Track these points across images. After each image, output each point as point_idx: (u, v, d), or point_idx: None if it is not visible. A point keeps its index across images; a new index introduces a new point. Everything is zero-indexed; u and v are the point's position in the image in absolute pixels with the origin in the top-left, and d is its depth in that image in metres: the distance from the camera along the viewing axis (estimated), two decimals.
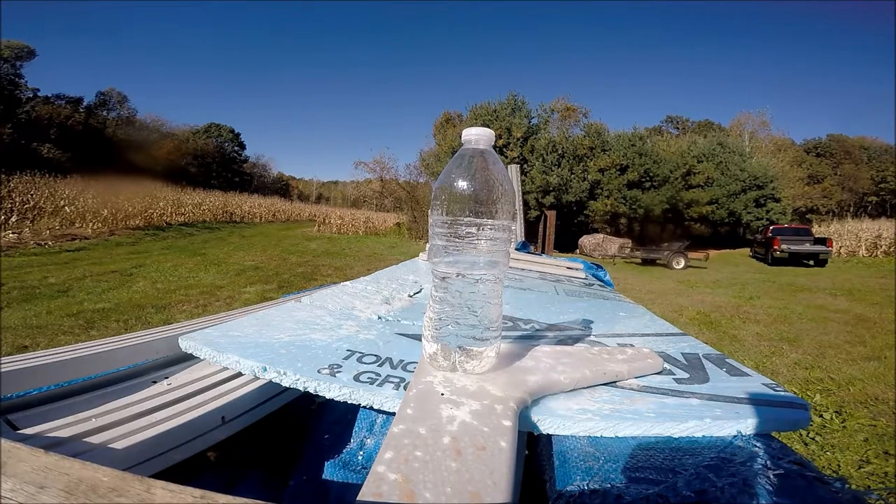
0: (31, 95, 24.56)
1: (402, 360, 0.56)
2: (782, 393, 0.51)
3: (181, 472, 0.48)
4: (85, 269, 5.97)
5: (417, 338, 0.65)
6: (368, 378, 0.50)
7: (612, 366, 0.52)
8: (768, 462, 0.40)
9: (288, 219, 23.69)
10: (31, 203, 10.34)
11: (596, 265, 1.93)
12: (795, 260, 12.72)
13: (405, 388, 0.47)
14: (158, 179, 17.39)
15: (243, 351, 0.55)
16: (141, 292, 4.84)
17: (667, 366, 0.58)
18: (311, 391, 0.49)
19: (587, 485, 0.37)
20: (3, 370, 0.47)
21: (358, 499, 0.29)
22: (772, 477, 0.38)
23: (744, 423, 0.44)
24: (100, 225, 10.54)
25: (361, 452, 0.56)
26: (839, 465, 2.01)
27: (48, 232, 8.97)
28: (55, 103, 25.52)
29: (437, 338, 0.48)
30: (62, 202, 10.80)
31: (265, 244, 11.08)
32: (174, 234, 11.85)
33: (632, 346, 0.67)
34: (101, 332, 3.41)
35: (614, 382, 0.52)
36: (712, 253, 14.99)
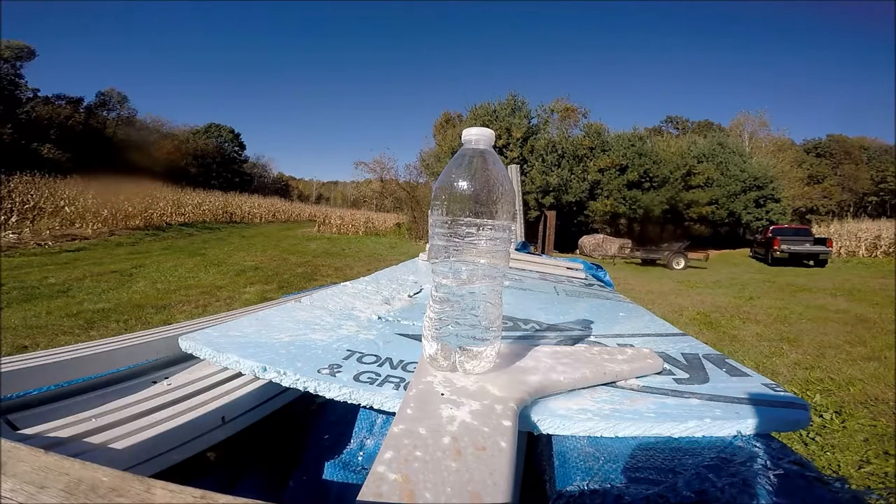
0: (31, 96, 24.57)
1: (402, 361, 0.56)
2: (782, 393, 0.51)
3: (181, 472, 0.48)
4: (85, 270, 5.96)
5: (417, 338, 0.65)
6: (368, 378, 0.50)
7: (611, 366, 0.52)
8: (768, 462, 0.40)
9: (288, 219, 23.67)
10: (31, 203, 10.33)
11: (596, 265, 1.93)
12: (795, 260, 12.71)
13: (405, 388, 0.47)
14: (158, 180, 17.36)
15: (243, 351, 0.55)
16: (141, 292, 4.84)
17: (667, 366, 0.58)
18: (311, 391, 0.49)
19: (587, 485, 0.37)
20: (3, 370, 0.47)
21: (358, 499, 0.29)
22: (772, 477, 0.38)
23: (744, 424, 0.44)
24: (100, 225, 10.53)
25: (361, 453, 0.56)
26: (839, 466, 2.00)
27: (48, 232, 8.96)
28: (55, 103, 25.52)
29: (438, 338, 0.48)
30: (62, 202, 10.79)
31: (265, 244, 11.07)
32: (174, 235, 11.84)
33: (632, 346, 0.67)
34: (101, 332, 3.41)
35: (614, 382, 0.52)
36: (712, 253, 14.99)
